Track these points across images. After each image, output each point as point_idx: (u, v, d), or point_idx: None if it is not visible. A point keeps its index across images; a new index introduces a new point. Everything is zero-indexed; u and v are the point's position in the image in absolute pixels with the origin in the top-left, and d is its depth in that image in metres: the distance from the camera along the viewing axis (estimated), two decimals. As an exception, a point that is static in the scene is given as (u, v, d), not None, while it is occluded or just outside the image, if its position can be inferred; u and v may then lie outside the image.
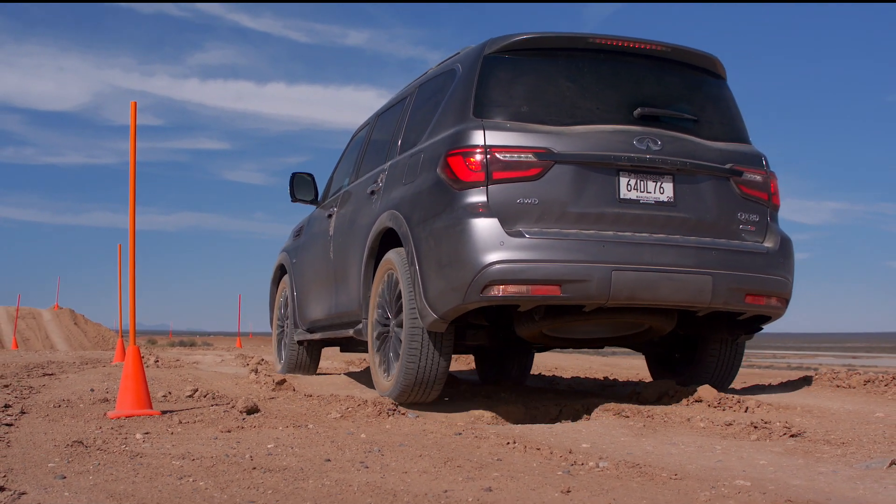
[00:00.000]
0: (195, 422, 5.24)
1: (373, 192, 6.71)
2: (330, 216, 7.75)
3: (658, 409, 5.73)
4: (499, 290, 5.28)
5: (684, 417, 5.38)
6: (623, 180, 5.58)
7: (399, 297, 6.01)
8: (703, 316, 6.12)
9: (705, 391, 6.05)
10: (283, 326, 9.22)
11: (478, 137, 5.50)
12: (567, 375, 10.24)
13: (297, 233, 9.02)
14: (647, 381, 8.96)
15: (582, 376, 9.92)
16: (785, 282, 5.90)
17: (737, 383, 8.70)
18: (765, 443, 4.56)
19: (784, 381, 8.00)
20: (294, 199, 8.39)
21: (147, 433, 4.80)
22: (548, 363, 13.82)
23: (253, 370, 8.40)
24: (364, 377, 8.13)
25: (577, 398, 6.58)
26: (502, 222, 5.34)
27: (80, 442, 4.40)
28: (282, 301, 9.25)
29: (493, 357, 8.74)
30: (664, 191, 5.66)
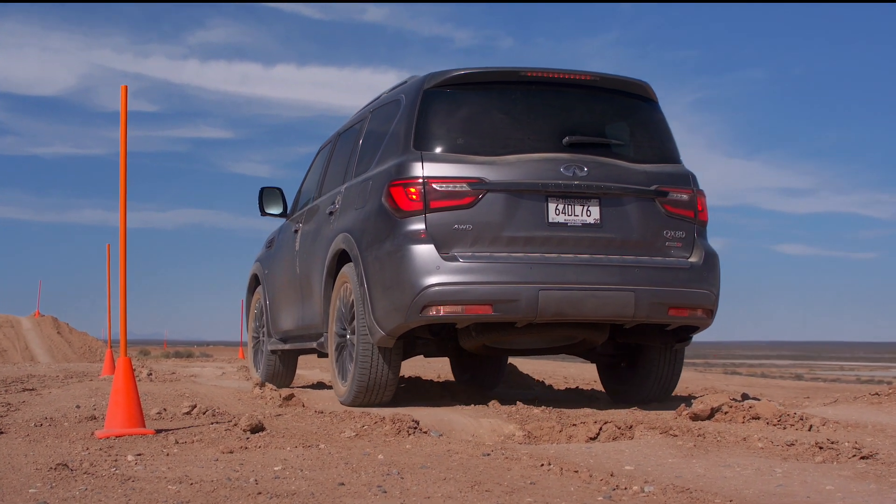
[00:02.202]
0: (193, 441, 5.27)
1: (331, 213, 7.85)
2: (296, 231, 8.91)
3: (710, 427, 5.71)
4: (436, 311, 6.44)
5: (740, 436, 5.36)
6: (552, 205, 6.65)
7: (353, 306, 7.05)
8: (633, 327, 7.16)
9: (764, 407, 6.03)
10: (258, 337, 10.30)
11: (417, 169, 6.62)
12: (608, 389, 10.20)
13: (270, 243, 10.13)
14: (697, 395, 8.92)
15: (624, 390, 9.87)
16: (708, 294, 6.91)
17: (799, 398, 8.67)
18: (831, 465, 4.54)
19: (853, 395, 7.95)
20: (263, 213, 9.53)
21: (140, 454, 4.82)
22: (586, 376, 13.79)
23: (257, 384, 8.43)
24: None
25: (618, 414, 6.57)
26: (439, 247, 6.47)
27: (65, 465, 4.43)
28: (256, 312, 10.32)
29: (467, 360, 9.78)
30: (591, 213, 6.71)
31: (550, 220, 6.62)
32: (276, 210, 9.51)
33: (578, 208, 6.67)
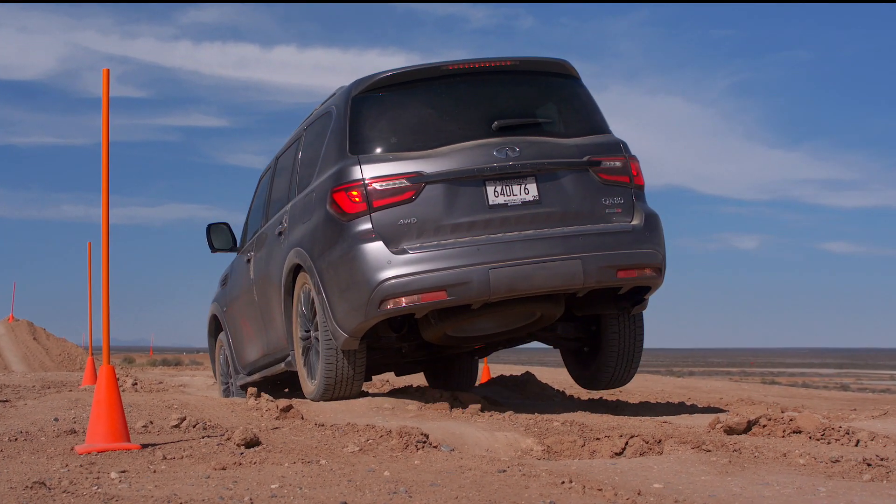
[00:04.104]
0: (183, 457, 5.28)
1: (280, 233, 8.69)
2: (249, 261, 9.77)
3: (747, 441, 5.71)
4: (394, 303, 7.20)
5: (779, 452, 5.35)
6: (490, 188, 7.43)
7: (314, 304, 7.84)
8: (587, 297, 7.98)
9: (806, 420, 6.03)
10: (227, 385, 10.94)
11: (356, 173, 7.45)
12: (634, 400, 10.22)
13: (224, 280, 10.93)
14: (732, 406, 8.91)
15: (652, 401, 9.89)
16: (654, 253, 7.64)
17: (845, 411, 8.66)
18: (881, 484, 4.53)
19: (904, 406, 7.94)
20: (213, 249, 10.37)
21: (124, 471, 4.83)
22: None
23: (252, 394, 8.45)
24: (388, 402, 8.15)
25: (646, 427, 6.57)
26: (387, 243, 7.25)
27: (43, 483, 4.44)
28: (222, 361, 11.10)
29: (440, 366, 10.61)
30: (529, 191, 7.47)
31: (491, 203, 7.38)
32: (226, 246, 10.37)
33: (516, 188, 7.44)
